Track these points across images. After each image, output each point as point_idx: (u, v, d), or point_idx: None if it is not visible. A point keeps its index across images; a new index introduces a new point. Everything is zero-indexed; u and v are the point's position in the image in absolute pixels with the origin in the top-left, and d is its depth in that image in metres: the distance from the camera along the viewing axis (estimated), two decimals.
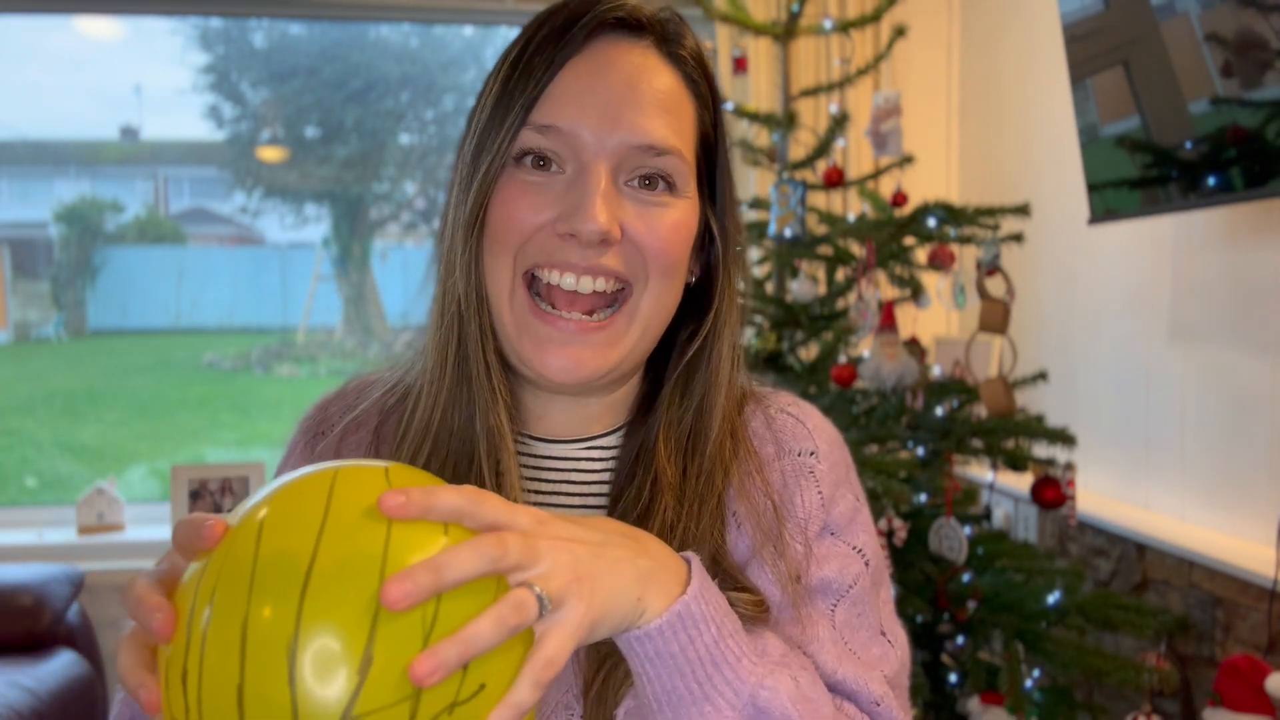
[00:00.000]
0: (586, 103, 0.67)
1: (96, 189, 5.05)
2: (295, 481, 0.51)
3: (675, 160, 0.69)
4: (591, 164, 0.67)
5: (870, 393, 2.09)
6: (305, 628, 0.45)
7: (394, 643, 0.45)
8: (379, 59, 4.67)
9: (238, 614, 0.46)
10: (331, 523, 0.47)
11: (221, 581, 0.47)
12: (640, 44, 0.70)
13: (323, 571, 0.46)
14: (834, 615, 0.73)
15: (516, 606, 0.48)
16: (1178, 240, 2.19)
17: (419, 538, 0.48)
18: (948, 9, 3.12)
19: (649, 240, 0.68)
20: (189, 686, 0.46)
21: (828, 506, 0.75)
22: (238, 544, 0.48)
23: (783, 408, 0.78)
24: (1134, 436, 2.35)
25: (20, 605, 2.48)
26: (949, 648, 1.92)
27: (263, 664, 0.45)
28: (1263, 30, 1.69)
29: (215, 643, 0.46)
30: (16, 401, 4.68)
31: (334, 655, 0.45)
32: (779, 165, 2.27)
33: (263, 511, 0.49)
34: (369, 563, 0.46)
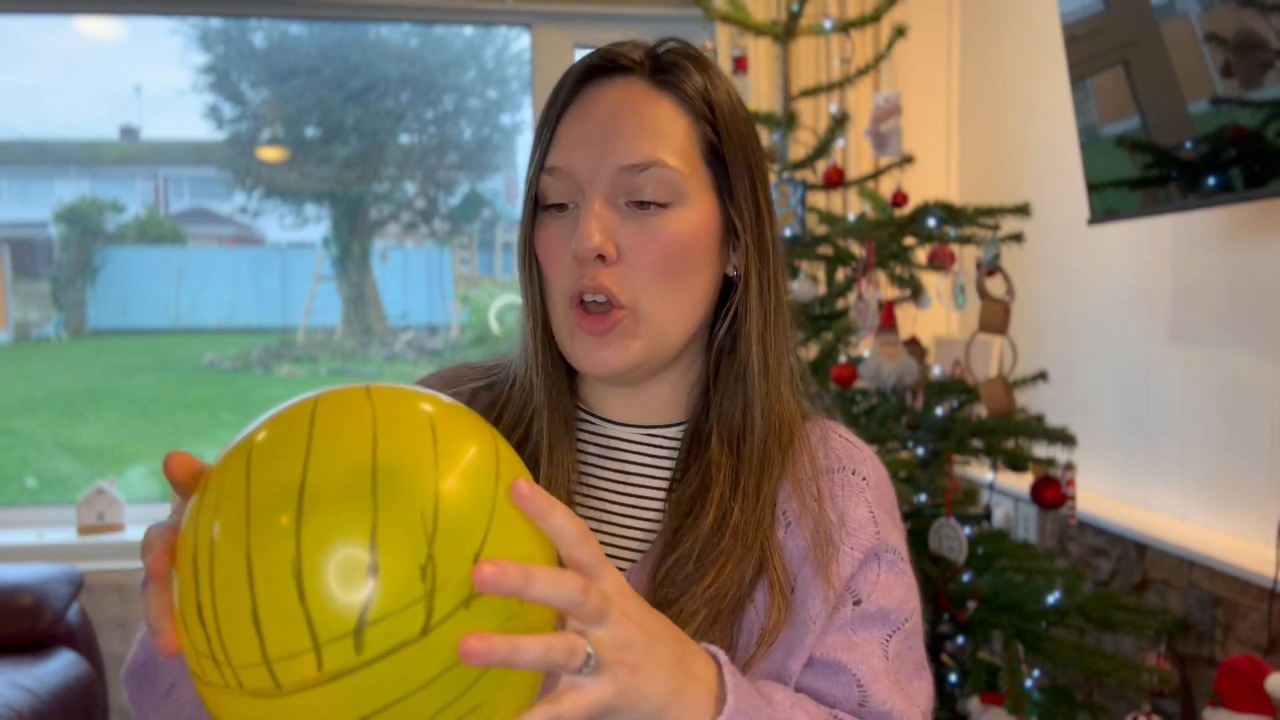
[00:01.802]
0: (577, 143, 0.77)
1: (96, 189, 5.05)
2: (278, 411, 0.53)
3: (661, 171, 0.76)
4: (587, 193, 0.76)
5: (870, 393, 2.09)
6: (306, 547, 0.46)
7: (398, 547, 0.47)
8: (379, 59, 4.67)
9: (239, 543, 0.47)
10: (317, 441, 0.49)
11: (220, 513, 0.49)
12: (623, 81, 0.78)
13: (315, 489, 0.47)
14: (888, 645, 0.77)
15: (568, 651, 0.51)
16: (1178, 240, 2.19)
17: (407, 448, 0.50)
18: (948, 9, 3.12)
19: (642, 253, 0.76)
20: (205, 620, 0.48)
21: (880, 527, 0.80)
22: (229, 475, 0.50)
23: (841, 433, 0.85)
24: (1134, 436, 2.35)
25: (20, 605, 2.48)
26: (949, 648, 1.92)
27: (272, 588, 0.46)
28: (1263, 30, 1.69)
29: (223, 574, 0.47)
30: (16, 401, 4.68)
31: (339, 568, 0.46)
32: (779, 165, 2.27)
33: (251, 440, 0.51)
34: (360, 474, 0.48)
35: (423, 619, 0.47)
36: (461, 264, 5.08)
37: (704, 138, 0.79)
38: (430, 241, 5.00)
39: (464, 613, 0.48)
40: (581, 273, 0.75)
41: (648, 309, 0.76)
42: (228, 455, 0.52)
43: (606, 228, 0.75)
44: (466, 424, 0.54)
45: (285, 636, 0.46)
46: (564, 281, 0.77)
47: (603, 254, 0.74)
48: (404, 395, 0.54)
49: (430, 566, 0.47)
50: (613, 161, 0.75)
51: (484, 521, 0.50)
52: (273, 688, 0.47)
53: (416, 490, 0.48)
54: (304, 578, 0.46)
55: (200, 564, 0.49)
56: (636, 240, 0.76)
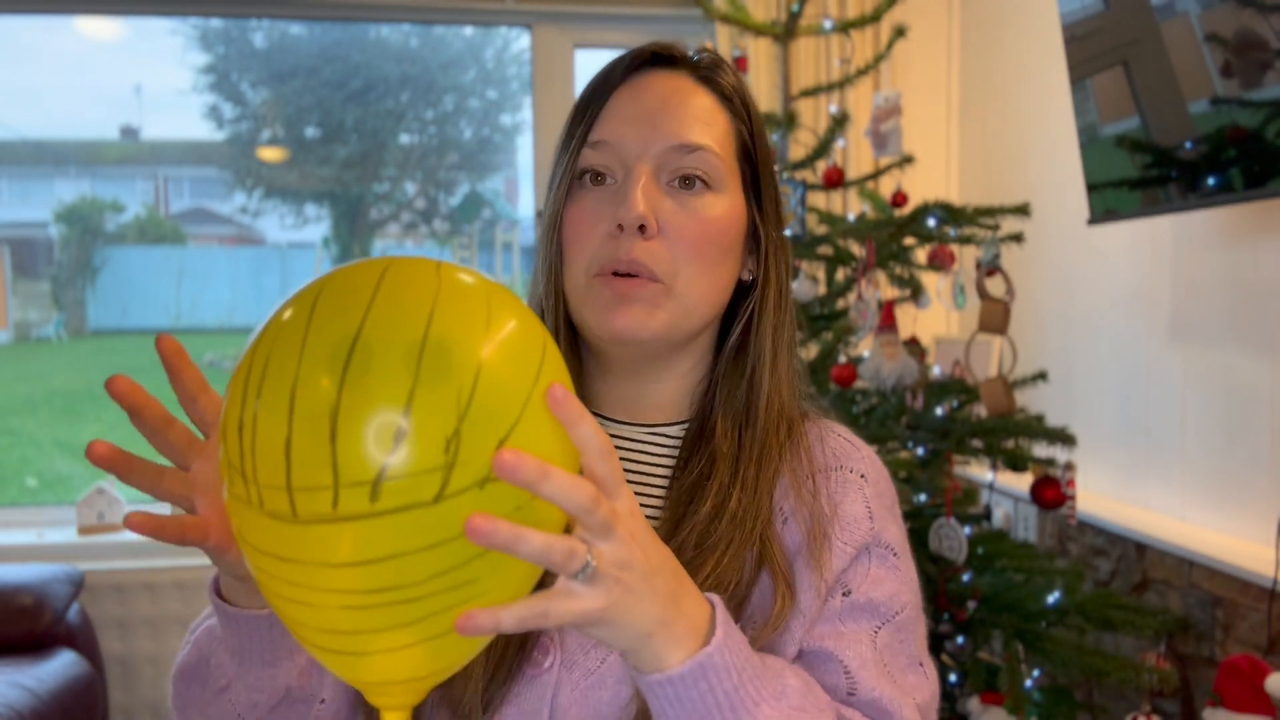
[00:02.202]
0: (629, 118, 0.80)
1: (96, 189, 5.05)
2: (351, 265, 0.56)
3: (708, 156, 0.79)
4: (634, 167, 0.78)
5: (870, 393, 2.09)
6: (346, 398, 0.50)
7: (429, 416, 0.50)
8: (379, 59, 4.67)
9: (288, 377, 0.51)
10: (379, 302, 0.52)
11: (278, 344, 0.53)
12: (676, 73, 0.82)
13: (366, 347, 0.51)
14: (877, 636, 0.78)
15: (568, 553, 0.52)
16: (1178, 240, 2.19)
17: (459, 326, 0.53)
18: (948, 9, 3.12)
19: (684, 230, 0.78)
20: (244, 436, 0.52)
21: (875, 522, 0.81)
22: (296, 312, 0.54)
23: (839, 433, 0.86)
24: (1134, 436, 2.35)
25: (20, 605, 2.48)
26: (949, 648, 1.92)
27: (307, 424, 0.50)
28: (1263, 30, 1.69)
29: (268, 400, 0.51)
30: (16, 401, 4.69)
31: (371, 424, 0.49)
32: (779, 165, 2.27)
33: (321, 285, 0.55)
34: (410, 342, 0.51)
35: (437, 487, 0.50)
36: (462, 264, 5.07)
37: (739, 137, 0.83)
38: (430, 241, 5.00)
39: (477, 492, 0.51)
40: (615, 245, 0.77)
41: (682, 286, 0.78)
42: (299, 294, 0.56)
43: (653, 200, 0.77)
44: (521, 320, 0.56)
45: (309, 470, 0.50)
46: (592, 254, 0.78)
47: (645, 224, 0.76)
48: (470, 279, 0.57)
49: (455, 441, 0.50)
50: (665, 140, 0.78)
51: (515, 412, 0.52)
52: (289, 513, 0.51)
53: (458, 368, 0.51)
54: (338, 424, 0.49)
55: (251, 383, 0.53)
56: (677, 217, 0.78)
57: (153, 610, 2.82)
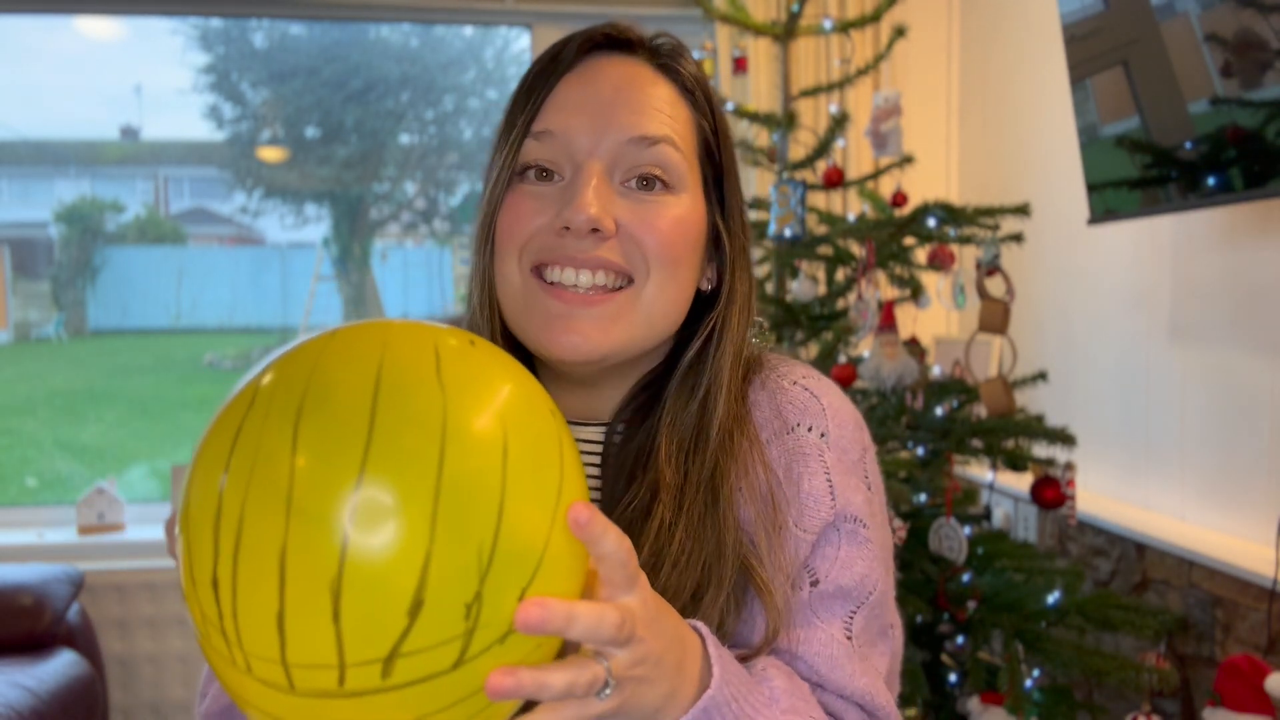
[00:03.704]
0: (579, 108, 0.70)
1: (96, 189, 5.05)
2: (335, 376, 0.46)
3: (668, 150, 0.70)
4: (585, 163, 0.69)
5: (870, 393, 2.08)
6: (350, 567, 0.43)
7: (448, 583, 0.44)
8: (379, 59, 4.67)
9: (274, 536, 0.43)
10: (381, 431, 0.44)
11: (255, 485, 0.44)
12: (632, 59, 0.73)
13: (371, 498, 0.43)
14: (852, 623, 0.73)
15: (590, 683, 0.49)
16: (1178, 240, 2.19)
17: (475, 470, 0.45)
18: (948, 9, 3.12)
19: (646, 233, 0.69)
20: (221, 595, 0.45)
21: (837, 497, 0.73)
22: (270, 438, 0.44)
23: (796, 379, 0.77)
24: (1134, 436, 2.35)
25: (20, 605, 2.48)
26: (949, 648, 1.92)
27: (304, 598, 0.43)
28: (1263, 30, 1.69)
29: (250, 559, 0.43)
30: (16, 401, 4.68)
31: (382, 597, 0.43)
32: (779, 165, 2.27)
33: (301, 403, 0.45)
34: (423, 494, 0.43)
35: (456, 655, 0.45)
36: (462, 264, 5.08)
37: (701, 133, 0.74)
38: (430, 241, 5.00)
39: (498, 648, 0.46)
40: (559, 243, 0.68)
41: (651, 293, 0.70)
42: (269, 405, 0.46)
43: (607, 202, 0.68)
44: (537, 424, 0.49)
45: (310, 648, 0.43)
46: (525, 246, 0.69)
47: (599, 228, 0.67)
48: (478, 399, 0.48)
49: (476, 605, 0.44)
50: (620, 133, 0.69)
51: (538, 554, 0.47)
52: (285, 685, 0.45)
53: (478, 519, 0.45)
54: (342, 597, 0.43)
55: (223, 532, 0.44)
56: (637, 219, 0.69)
57: (153, 610, 2.82)
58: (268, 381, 0.48)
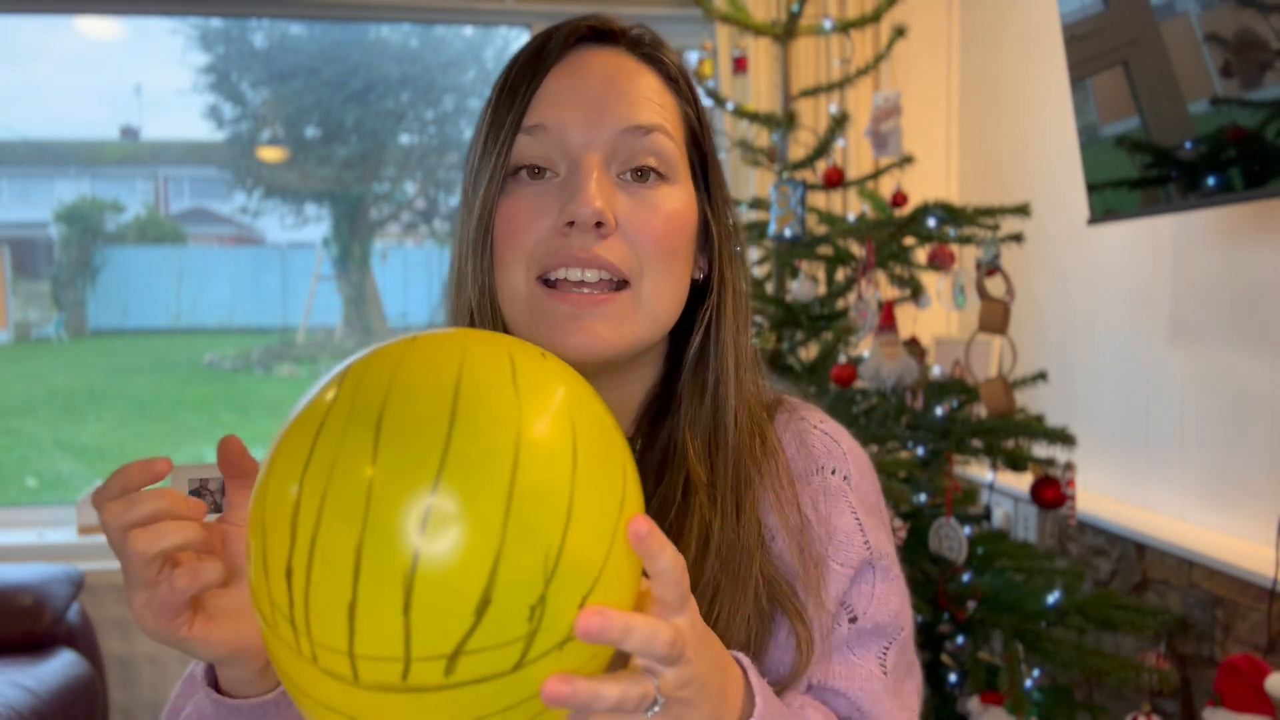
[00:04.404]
0: (570, 101, 0.69)
1: (96, 189, 5.05)
2: (415, 380, 0.48)
3: (663, 139, 0.70)
4: (582, 157, 0.68)
5: (870, 393, 2.08)
6: (425, 564, 0.44)
7: (514, 585, 0.45)
8: (379, 59, 4.67)
9: (352, 530, 0.45)
10: (459, 439, 0.46)
11: (336, 482, 0.46)
12: (615, 49, 0.73)
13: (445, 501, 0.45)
14: (886, 658, 0.74)
15: (640, 698, 0.50)
16: (1178, 240, 2.19)
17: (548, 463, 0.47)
18: (948, 9, 3.12)
19: (645, 227, 0.69)
20: (294, 584, 0.46)
21: (868, 535, 0.76)
22: (353, 439, 0.46)
23: (815, 424, 0.79)
24: (1134, 436, 2.35)
25: (20, 605, 2.48)
26: (949, 648, 1.92)
27: (377, 591, 0.44)
28: (1263, 30, 1.69)
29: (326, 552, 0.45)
30: (16, 401, 4.68)
31: (452, 594, 0.44)
32: (779, 165, 2.27)
33: (383, 406, 0.47)
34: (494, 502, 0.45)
35: (518, 656, 0.46)
36: None
37: (687, 121, 0.74)
38: (430, 241, 5.00)
39: (557, 653, 0.47)
40: (565, 243, 0.67)
41: (649, 290, 0.69)
42: (351, 407, 0.47)
43: (608, 195, 0.68)
44: (604, 439, 0.51)
45: (378, 639, 0.45)
46: (531, 252, 0.69)
47: (603, 221, 0.67)
48: (552, 409, 0.49)
49: (540, 608, 0.46)
50: (615, 123, 0.69)
51: (600, 563, 0.48)
52: (349, 676, 0.46)
53: (546, 526, 0.46)
54: (414, 593, 0.44)
55: (300, 525, 0.46)
56: (636, 213, 0.69)
57: None
58: (348, 385, 0.49)
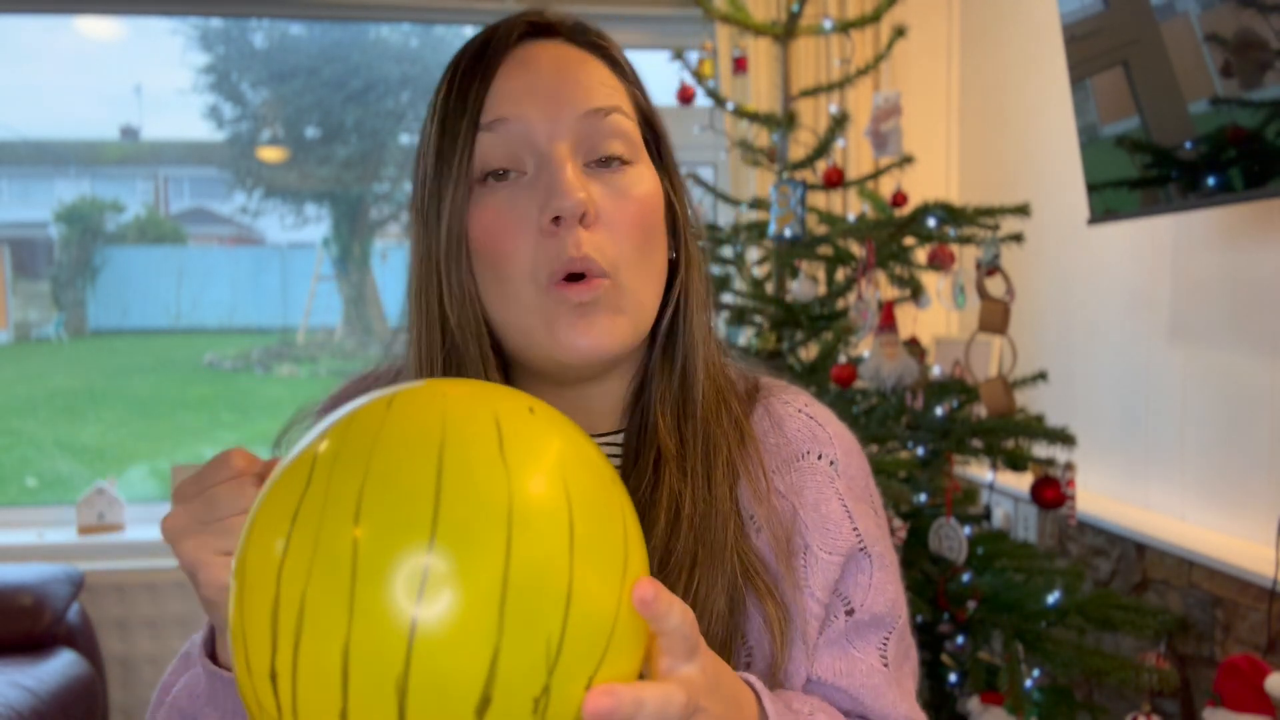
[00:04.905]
0: (526, 94, 0.68)
1: (96, 189, 5.05)
2: (396, 460, 0.44)
3: (622, 119, 0.70)
4: (550, 149, 0.67)
5: (870, 393, 2.08)
6: (417, 664, 0.41)
7: (516, 679, 0.42)
8: (379, 59, 4.67)
9: (337, 631, 0.41)
10: (446, 516, 0.42)
11: (315, 581, 0.42)
12: (555, 41, 0.72)
13: (436, 587, 0.41)
14: (886, 649, 0.74)
15: (682, 707, 0.48)
16: (1178, 240, 2.19)
17: (543, 558, 0.44)
18: (948, 9, 3.12)
19: (621, 214, 0.68)
20: (279, 687, 0.43)
21: (856, 522, 0.74)
22: (332, 523, 0.43)
23: (799, 407, 0.77)
24: (1134, 436, 2.35)
25: (20, 605, 2.48)
26: (949, 648, 1.92)
27: (369, 698, 0.42)
28: (1263, 30, 1.69)
29: (311, 654, 0.42)
30: (16, 401, 4.68)
31: (449, 696, 0.42)
32: (779, 165, 2.27)
33: (361, 490, 0.43)
34: (490, 587, 0.42)
35: None
36: None
37: (637, 103, 0.74)
38: None
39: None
40: (559, 244, 0.65)
41: (629, 281, 0.68)
42: (327, 489, 0.44)
43: (584, 183, 0.66)
44: (601, 496, 0.48)
45: None
46: (533, 260, 0.66)
47: (587, 210, 0.65)
48: (544, 478, 0.46)
49: (545, 699, 0.43)
50: (574, 109, 0.67)
51: (605, 638, 0.45)
52: None
53: (546, 609, 0.43)
54: (408, 697, 0.41)
55: (282, 622, 0.42)
56: (610, 201, 0.68)
57: (153, 610, 2.82)
58: (324, 461, 0.45)
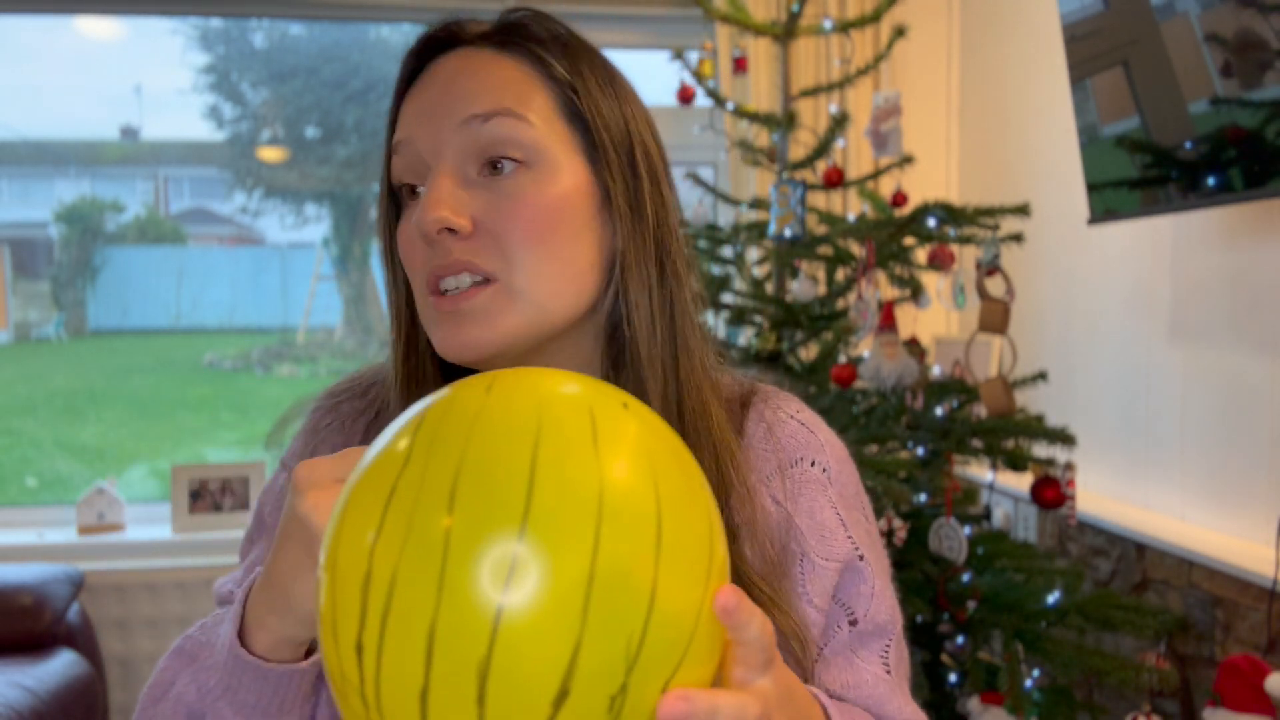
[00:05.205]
0: (416, 113, 0.70)
1: (96, 189, 5.05)
2: (488, 430, 0.45)
3: (508, 123, 0.67)
4: (434, 166, 0.68)
5: (870, 393, 2.08)
6: (500, 651, 0.42)
7: (595, 675, 0.43)
8: (379, 59, 4.67)
9: (425, 610, 0.42)
10: (538, 508, 0.43)
11: (406, 560, 0.43)
12: (462, 51, 0.71)
13: (522, 576, 0.42)
14: (888, 656, 0.75)
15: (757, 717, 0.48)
16: (1178, 240, 2.19)
17: (630, 535, 0.44)
18: (948, 9, 3.12)
19: (509, 218, 0.67)
20: (364, 661, 0.44)
21: (852, 534, 0.74)
22: (425, 510, 0.43)
23: (792, 414, 0.77)
24: (1134, 436, 2.35)
25: (20, 605, 2.48)
26: (949, 648, 1.92)
27: (451, 678, 0.42)
28: (1263, 30, 1.69)
29: (397, 629, 0.43)
30: (16, 401, 4.68)
31: (529, 684, 0.42)
32: (779, 165, 2.27)
33: (456, 478, 0.44)
34: (576, 575, 0.43)
35: None
36: None
37: (564, 96, 0.70)
38: None
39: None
40: (431, 255, 0.68)
41: (523, 282, 0.67)
42: (424, 474, 0.44)
43: (455, 200, 0.67)
44: (693, 517, 0.47)
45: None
46: (420, 270, 0.69)
47: (452, 227, 0.66)
48: (636, 475, 0.46)
49: (621, 698, 0.43)
50: (452, 119, 0.68)
51: (685, 642, 0.45)
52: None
53: (630, 608, 0.43)
54: (489, 681, 0.42)
55: (372, 597, 0.43)
56: (496, 208, 0.67)
57: (153, 610, 2.82)
58: (422, 442, 0.46)
